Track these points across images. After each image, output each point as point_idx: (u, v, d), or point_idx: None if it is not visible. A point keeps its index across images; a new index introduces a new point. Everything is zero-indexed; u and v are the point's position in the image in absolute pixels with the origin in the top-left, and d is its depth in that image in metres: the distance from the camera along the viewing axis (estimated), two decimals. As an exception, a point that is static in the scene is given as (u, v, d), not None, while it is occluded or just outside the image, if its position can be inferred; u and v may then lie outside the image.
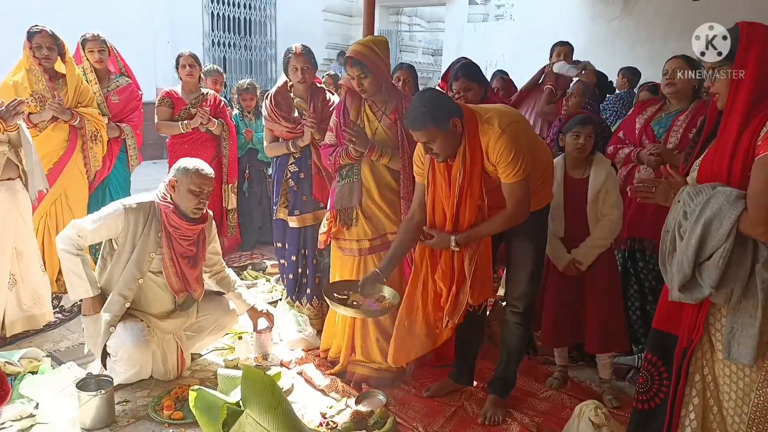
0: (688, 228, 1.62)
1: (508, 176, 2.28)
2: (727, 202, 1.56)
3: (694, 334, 1.72)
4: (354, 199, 2.83)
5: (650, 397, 1.86)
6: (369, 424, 2.50)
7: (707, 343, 1.72)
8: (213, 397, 2.22)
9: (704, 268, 1.61)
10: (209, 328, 3.00)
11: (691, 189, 1.65)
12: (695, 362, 1.74)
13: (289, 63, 3.20)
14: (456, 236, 2.38)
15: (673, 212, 1.70)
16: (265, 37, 11.06)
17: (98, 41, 3.84)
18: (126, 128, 4.00)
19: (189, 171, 2.68)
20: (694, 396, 1.74)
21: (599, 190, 2.70)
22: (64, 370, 2.80)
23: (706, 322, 1.70)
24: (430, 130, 2.23)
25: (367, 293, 2.47)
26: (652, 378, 1.86)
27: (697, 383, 1.74)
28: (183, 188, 2.68)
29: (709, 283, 1.59)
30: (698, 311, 1.71)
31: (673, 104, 2.94)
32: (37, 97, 3.53)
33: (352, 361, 2.95)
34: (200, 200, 2.71)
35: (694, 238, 1.59)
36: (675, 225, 1.68)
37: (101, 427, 2.43)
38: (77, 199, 3.81)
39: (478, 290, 2.45)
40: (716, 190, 1.60)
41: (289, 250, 3.43)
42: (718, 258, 1.57)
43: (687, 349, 1.73)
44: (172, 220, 2.70)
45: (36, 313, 3.27)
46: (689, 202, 1.63)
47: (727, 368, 1.68)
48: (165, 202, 2.70)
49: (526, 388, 2.89)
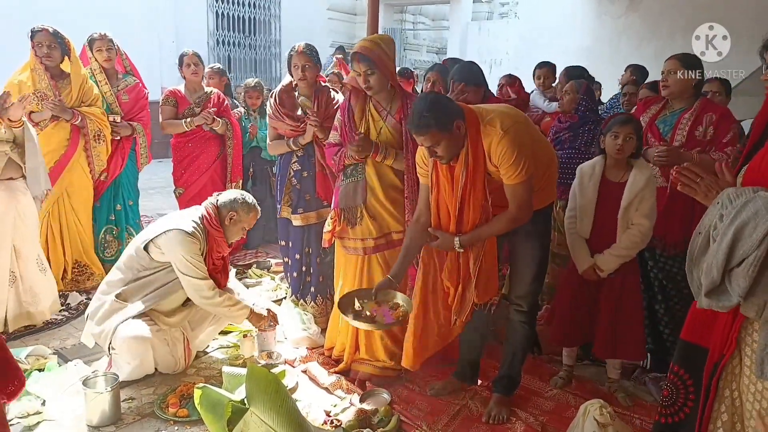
0: (721, 231, 1.50)
1: (510, 178, 2.28)
2: (765, 207, 1.43)
3: (726, 348, 1.61)
4: (358, 198, 2.83)
5: (675, 410, 1.78)
6: (373, 422, 2.51)
7: (737, 357, 1.62)
8: (218, 395, 2.22)
9: (734, 274, 1.48)
10: (210, 316, 3.02)
11: (732, 191, 1.54)
12: (725, 377, 1.64)
13: (291, 61, 3.21)
14: (460, 237, 2.38)
15: (710, 213, 1.58)
16: (269, 36, 11.07)
17: (105, 40, 3.85)
18: (138, 127, 4.03)
19: (250, 211, 2.91)
20: (723, 412, 1.65)
21: (635, 196, 2.60)
22: (71, 367, 2.82)
23: (738, 336, 1.60)
24: (433, 133, 2.23)
25: (381, 300, 2.46)
26: (677, 391, 1.77)
27: (726, 399, 1.65)
28: (239, 224, 2.90)
29: (738, 291, 1.47)
30: (731, 325, 1.60)
31: (676, 103, 2.92)
32: (40, 96, 3.54)
33: (357, 359, 2.96)
34: (245, 233, 3.01)
35: (726, 241, 1.47)
36: (710, 227, 1.56)
37: (107, 424, 2.44)
38: (80, 199, 3.84)
39: (483, 289, 2.45)
40: (757, 194, 1.48)
41: (293, 248, 3.43)
42: (748, 265, 1.44)
43: (718, 365, 1.63)
44: (220, 247, 2.91)
45: (33, 311, 3.31)
46: (727, 204, 1.52)
47: (753, 386, 1.59)
48: (216, 229, 2.85)
49: (531, 387, 2.89)
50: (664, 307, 2.92)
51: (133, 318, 2.72)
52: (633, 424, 2.58)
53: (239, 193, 2.93)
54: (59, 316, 3.48)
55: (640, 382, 2.96)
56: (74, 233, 3.83)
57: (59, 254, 3.79)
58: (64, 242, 3.80)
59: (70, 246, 3.82)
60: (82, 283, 3.87)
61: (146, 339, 2.69)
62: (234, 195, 2.91)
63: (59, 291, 3.75)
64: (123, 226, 4.13)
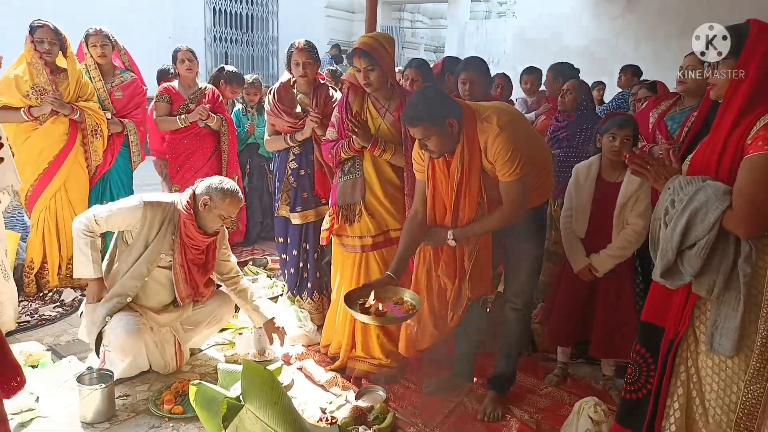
0: (674, 216, 1.65)
1: (505, 174, 2.28)
2: (715, 196, 1.59)
3: (680, 326, 1.76)
4: (356, 195, 2.83)
5: (638, 387, 1.91)
6: (369, 419, 2.51)
7: (692, 335, 1.75)
8: (213, 392, 2.22)
9: (686, 256, 1.65)
10: (205, 320, 3.00)
11: (683, 179, 1.69)
12: (681, 354, 1.77)
13: (292, 57, 3.20)
14: (453, 231, 2.38)
15: (662, 199, 1.73)
16: (266, 32, 11.05)
17: (100, 36, 3.83)
18: (129, 124, 4.00)
19: (226, 197, 2.69)
20: (678, 387, 1.78)
21: (630, 196, 2.60)
22: (65, 364, 2.81)
23: (691, 315, 1.74)
24: (424, 127, 2.24)
25: (383, 297, 2.42)
26: (640, 369, 1.90)
27: (681, 374, 1.78)
28: (214, 211, 2.70)
29: (690, 271, 1.64)
30: (684, 304, 1.74)
31: (688, 100, 2.91)
32: (38, 90, 3.53)
33: (353, 356, 2.95)
34: (224, 224, 2.78)
35: (680, 226, 1.63)
36: (663, 212, 1.72)
37: (101, 420, 2.43)
38: (78, 193, 3.83)
39: (476, 284, 2.45)
40: (706, 183, 1.63)
41: (291, 245, 3.43)
42: (700, 248, 1.61)
43: (673, 342, 1.77)
44: (189, 231, 2.73)
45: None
46: (679, 191, 1.66)
47: (709, 360, 1.72)
48: (188, 212, 2.71)
49: (526, 384, 2.89)
50: None
51: (124, 313, 2.70)
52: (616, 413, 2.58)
53: (217, 179, 2.76)
54: (53, 313, 3.47)
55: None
56: (70, 228, 3.78)
57: (55, 249, 3.77)
58: (60, 237, 3.78)
59: (65, 241, 3.79)
60: (76, 279, 3.85)
61: (139, 336, 2.67)
62: (210, 180, 2.74)
63: (54, 287, 3.75)
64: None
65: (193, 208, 2.71)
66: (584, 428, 2.34)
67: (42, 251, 3.74)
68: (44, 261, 3.76)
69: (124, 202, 2.75)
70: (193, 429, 2.42)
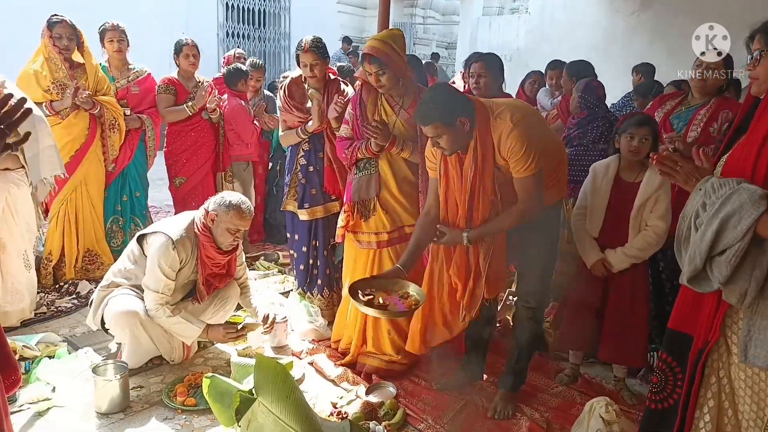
0: (705, 221, 1.55)
1: (519, 171, 2.28)
2: (750, 201, 1.47)
3: (710, 335, 1.65)
4: (372, 191, 2.83)
5: (664, 397, 1.82)
6: (379, 414, 2.52)
7: (723, 345, 1.66)
8: (226, 385, 2.24)
9: (715, 262, 1.55)
10: (212, 302, 3.02)
11: (716, 180, 1.58)
12: (711, 364, 1.68)
13: (299, 59, 3.19)
14: (468, 233, 2.38)
15: (693, 200, 1.63)
16: (279, 28, 11.07)
17: (117, 31, 3.86)
18: (147, 120, 4.03)
19: (230, 210, 2.72)
20: (709, 398, 1.69)
21: (649, 197, 2.57)
22: (81, 355, 2.84)
23: (722, 324, 1.63)
24: (435, 125, 2.24)
25: (390, 289, 2.43)
26: (666, 378, 1.81)
27: (712, 385, 1.68)
28: (221, 225, 2.74)
29: (719, 278, 1.54)
30: (715, 312, 1.64)
31: (696, 98, 2.88)
32: (59, 85, 3.57)
33: (363, 352, 2.97)
34: (235, 237, 2.80)
35: (710, 232, 1.53)
36: (692, 214, 1.61)
37: (116, 411, 2.47)
38: (95, 188, 3.87)
39: (492, 284, 2.46)
40: (741, 186, 1.51)
41: (300, 241, 3.44)
42: (730, 255, 1.51)
43: (702, 351, 1.67)
44: (208, 252, 2.81)
45: (10, 310, 3.16)
46: (711, 194, 1.56)
47: (742, 372, 1.63)
48: (204, 234, 2.76)
49: (537, 383, 2.90)
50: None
51: (123, 294, 2.76)
52: (638, 422, 2.57)
53: (224, 194, 2.81)
54: (69, 304, 3.51)
55: (645, 380, 2.95)
56: (88, 222, 3.86)
57: (73, 242, 3.82)
58: (78, 230, 3.83)
59: (83, 234, 3.84)
60: (91, 272, 3.90)
61: (134, 313, 2.71)
62: (217, 196, 2.80)
63: (70, 279, 3.79)
64: (128, 217, 4.14)
65: (207, 226, 2.78)
66: (595, 428, 2.34)
67: (61, 244, 3.79)
68: (62, 254, 3.81)
69: (157, 254, 2.70)
70: (205, 421, 2.45)
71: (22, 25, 4.69)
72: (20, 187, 3.09)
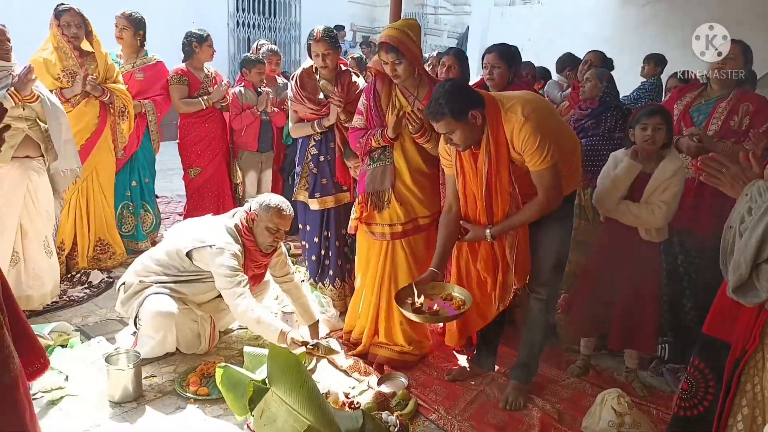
0: (750, 226, 1.47)
1: (535, 164, 2.26)
2: None
3: (749, 344, 1.60)
4: (386, 183, 2.82)
5: (694, 404, 1.77)
6: (391, 405, 2.52)
7: (760, 352, 1.61)
8: (239, 374, 2.25)
9: (762, 270, 1.46)
10: None
11: (762, 184, 1.50)
12: (747, 371, 1.63)
13: (311, 49, 3.17)
14: (491, 229, 2.38)
15: (739, 206, 1.55)
16: (289, 18, 11.04)
17: (123, 18, 3.90)
18: (148, 104, 4.03)
19: (270, 209, 2.78)
20: (744, 406, 1.64)
21: (660, 184, 2.55)
22: (94, 344, 2.87)
23: (761, 332, 1.58)
24: (447, 121, 2.23)
25: (431, 293, 2.42)
26: (697, 384, 1.76)
27: (747, 393, 1.64)
28: (261, 224, 2.80)
29: (766, 287, 1.46)
30: (755, 321, 1.58)
31: (715, 91, 2.84)
32: (69, 73, 3.58)
33: (375, 343, 2.97)
34: (276, 237, 2.84)
35: (755, 237, 1.45)
36: (738, 221, 1.53)
37: (129, 400, 2.49)
38: (106, 177, 3.90)
39: (521, 273, 2.47)
40: None
41: (312, 232, 3.44)
42: None
43: (740, 360, 1.62)
44: (254, 257, 2.85)
45: (33, 294, 3.21)
46: (757, 198, 1.48)
47: None
48: (248, 238, 2.81)
49: (548, 375, 2.89)
50: (693, 302, 2.89)
51: (162, 294, 2.75)
52: (650, 413, 2.58)
53: (265, 195, 2.89)
54: (81, 294, 3.53)
55: (657, 372, 2.94)
56: (99, 211, 3.88)
57: (85, 231, 3.84)
58: (90, 219, 3.85)
59: (94, 223, 3.87)
60: (103, 261, 3.92)
61: (171, 315, 2.71)
62: (259, 197, 2.88)
63: (82, 268, 3.82)
64: (138, 202, 4.19)
65: (250, 228, 2.81)
66: (607, 420, 2.34)
67: (73, 233, 3.81)
68: (74, 243, 3.83)
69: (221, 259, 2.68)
70: (218, 410, 2.46)
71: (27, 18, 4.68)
72: (41, 175, 3.17)
